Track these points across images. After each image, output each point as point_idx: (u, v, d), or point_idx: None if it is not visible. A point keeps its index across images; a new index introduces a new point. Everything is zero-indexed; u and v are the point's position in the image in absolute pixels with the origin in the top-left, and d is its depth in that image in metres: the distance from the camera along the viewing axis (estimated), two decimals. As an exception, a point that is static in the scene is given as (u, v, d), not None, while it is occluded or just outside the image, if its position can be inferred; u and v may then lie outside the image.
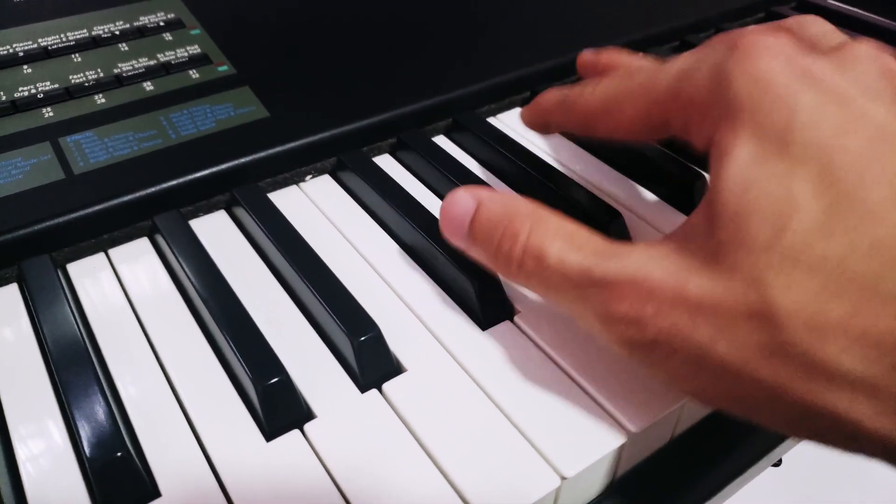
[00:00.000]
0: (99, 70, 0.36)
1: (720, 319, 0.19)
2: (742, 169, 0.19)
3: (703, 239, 0.20)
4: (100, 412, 0.22)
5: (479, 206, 0.24)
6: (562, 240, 0.22)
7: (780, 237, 0.18)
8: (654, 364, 0.21)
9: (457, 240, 0.25)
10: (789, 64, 0.21)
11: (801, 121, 0.19)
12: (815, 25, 0.26)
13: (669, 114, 0.24)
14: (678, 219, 0.32)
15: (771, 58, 0.21)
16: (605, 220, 0.30)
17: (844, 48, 0.22)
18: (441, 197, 0.34)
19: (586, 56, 0.34)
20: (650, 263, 0.20)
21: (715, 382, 0.19)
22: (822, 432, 0.19)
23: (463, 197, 0.25)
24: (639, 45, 0.44)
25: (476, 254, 0.25)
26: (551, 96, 0.30)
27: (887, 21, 0.49)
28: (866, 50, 0.22)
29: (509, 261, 0.23)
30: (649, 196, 0.34)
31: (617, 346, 0.21)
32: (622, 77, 0.26)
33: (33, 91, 0.35)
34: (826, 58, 0.21)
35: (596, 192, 0.34)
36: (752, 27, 0.23)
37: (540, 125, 0.31)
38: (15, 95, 0.34)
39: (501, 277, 0.27)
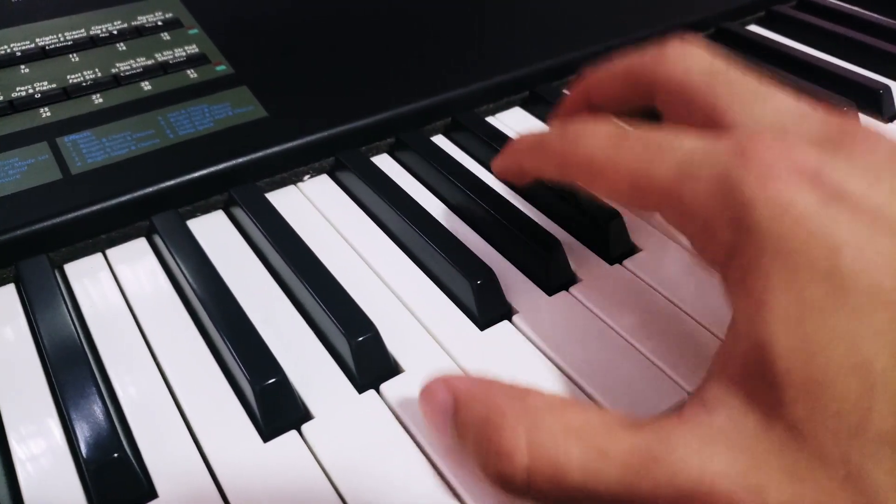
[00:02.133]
0: (97, 70, 0.36)
1: None
2: (795, 325, 0.16)
3: (764, 402, 0.17)
4: (97, 413, 0.22)
5: (457, 404, 0.20)
6: (578, 444, 0.17)
7: (867, 418, 0.15)
8: None
9: (446, 439, 0.21)
10: (814, 183, 0.18)
11: (849, 261, 0.16)
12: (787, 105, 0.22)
13: (664, 211, 0.21)
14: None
15: (788, 177, 0.18)
16: (604, 219, 0.30)
17: (856, 138, 0.19)
18: (440, 197, 0.34)
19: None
20: (704, 455, 0.16)
21: None
22: None
23: (438, 388, 0.21)
24: (638, 45, 0.44)
25: (473, 458, 0.20)
26: (525, 140, 0.26)
27: (887, 20, 0.49)
28: (879, 138, 0.19)
29: (512, 485, 0.18)
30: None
31: None
32: (610, 141, 0.22)
33: (31, 91, 0.35)
34: (846, 161, 0.18)
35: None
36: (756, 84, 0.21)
37: (514, 172, 0.27)
38: (12, 95, 0.34)
39: None
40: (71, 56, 0.37)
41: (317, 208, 0.33)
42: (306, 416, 0.24)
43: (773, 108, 0.22)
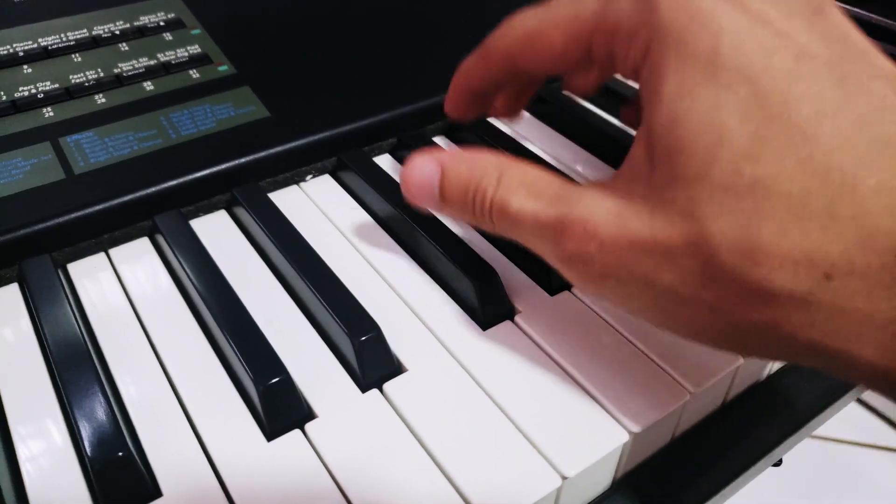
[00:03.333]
0: (99, 70, 0.36)
1: (660, 253, 0.19)
2: (672, 101, 0.20)
3: (644, 174, 0.20)
4: (101, 412, 0.22)
5: (444, 171, 0.25)
6: (524, 189, 0.23)
7: (711, 166, 0.18)
8: (606, 295, 0.22)
9: (427, 205, 0.26)
10: None
11: (727, 45, 0.19)
12: None
13: (594, 42, 0.23)
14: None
15: None
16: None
17: None
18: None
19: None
20: (595, 204, 0.21)
21: (664, 308, 0.20)
22: (766, 350, 0.20)
23: (425, 162, 0.25)
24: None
25: (452, 214, 0.26)
26: (463, 63, 0.29)
27: (887, 21, 0.49)
28: None
29: (483, 216, 0.24)
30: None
31: (574, 280, 0.22)
32: (543, 8, 0.25)
33: (33, 91, 0.35)
34: None
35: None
36: None
37: (466, 99, 0.30)
38: (15, 95, 0.34)
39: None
40: (73, 56, 0.37)
41: (319, 208, 0.33)
42: (310, 415, 0.24)
43: None
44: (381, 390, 0.25)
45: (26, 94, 0.34)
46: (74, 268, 0.30)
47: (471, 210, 0.24)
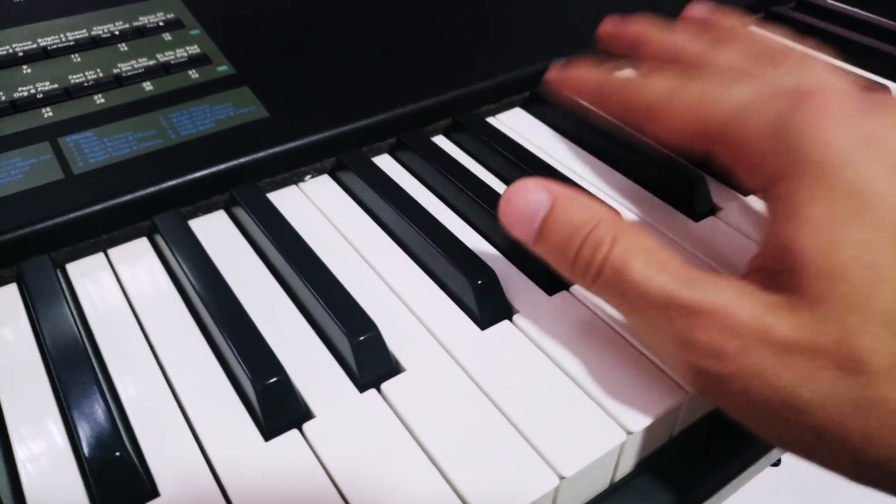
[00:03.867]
0: (98, 70, 0.36)
1: (807, 366, 0.19)
2: (822, 228, 0.20)
3: (787, 287, 0.20)
4: (99, 412, 0.22)
5: (554, 204, 0.24)
6: (645, 256, 0.22)
7: (869, 301, 0.19)
8: (723, 396, 0.21)
9: (522, 235, 0.25)
10: (854, 127, 0.21)
11: (872, 189, 0.20)
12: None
13: (717, 145, 0.24)
14: (678, 219, 0.32)
15: (838, 118, 0.22)
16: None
17: (880, 101, 0.23)
18: (440, 197, 0.34)
19: (608, 26, 0.33)
20: (736, 298, 0.20)
21: (788, 425, 0.20)
22: (889, 481, 0.19)
23: (535, 190, 0.24)
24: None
25: (542, 252, 0.24)
26: (589, 76, 0.30)
27: (887, 21, 0.49)
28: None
29: (587, 269, 0.23)
30: (649, 196, 0.34)
31: (689, 374, 0.21)
32: (676, 83, 0.26)
33: (33, 91, 0.35)
34: (882, 119, 0.22)
35: (596, 193, 0.34)
36: (819, 72, 0.24)
37: (569, 89, 0.31)
38: (14, 95, 0.34)
39: (569, 279, 0.26)
40: (73, 56, 0.37)
41: (318, 208, 0.33)
42: (307, 415, 0.24)
43: (818, 69, 0.26)
44: (378, 390, 0.25)
45: (25, 94, 0.34)
46: (73, 268, 0.30)
47: (572, 258, 0.23)
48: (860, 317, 0.19)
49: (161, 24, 0.40)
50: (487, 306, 0.27)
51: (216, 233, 0.32)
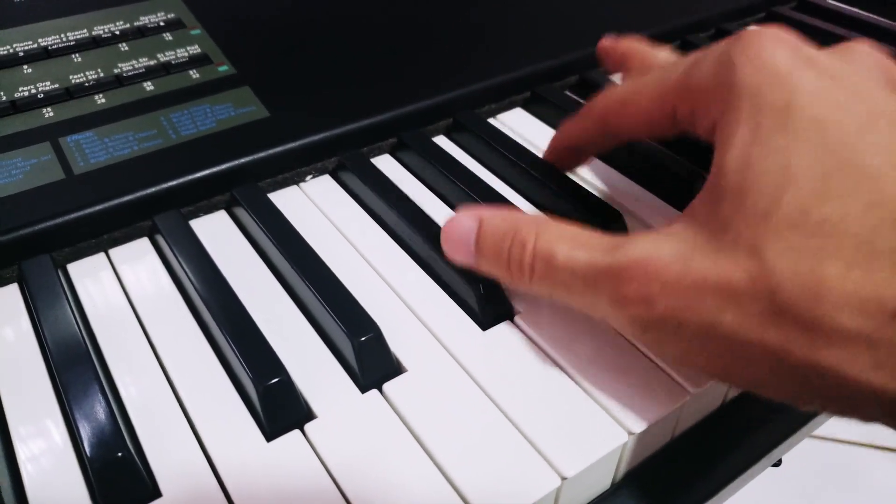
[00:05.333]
0: (99, 70, 0.36)
1: (724, 292, 0.19)
2: (743, 148, 0.20)
3: (707, 218, 0.21)
4: (100, 412, 0.22)
5: (481, 223, 0.25)
6: (568, 241, 0.23)
7: (777, 206, 0.19)
8: (663, 341, 0.21)
9: (463, 257, 0.26)
10: (793, 52, 0.22)
11: (801, 99, 0.20)
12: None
13: (678, 104, 0.25)
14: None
15: (775, 45, 0.22)
16: (605, 220, 0.30)
17: (842, 44, 0.23)
18: (441, 197, 0.34)
19: (606, 42, 0.35)
20: (655, 247, 0.21)
21: (723, 354, 0.20)
22: (826, 395, 0.19)
23: (463, 217, 0.26)
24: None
25: (485, 267, 0.26)
26: (565, 122, 0.31)
27: (887, 21, 0.49)
28: (863, 46, 0.23)
29: (521, 268, 0.24)
30: (649, 196, 0.34)
31: (629, 327, 0.22)
32: (638, 75, 0.27)
33: (33, 91, 0.35)
34: (826, 50, 0.22)
35: (596, 193, 0.34)
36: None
37: (565, 153, 0.33)
38: (15, 95, 0.34)
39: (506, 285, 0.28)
40: (73, 56, 0.37)
41: (319, 208, 0.33)
42: (309, 415, 0.24)
43: None
44: (380, 391, 0.25)
45: (26, 94, 0.34)
46: (74, 268, 0.30)
47: (506, 261, 0.24)
48: (766, 224, 0.19)
49: (162, 23, 0.40)
50: (489, 307, 0.27)
51: (217, 233, 0.32)
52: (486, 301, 0.27)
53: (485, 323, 0.27)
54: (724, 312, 0.19)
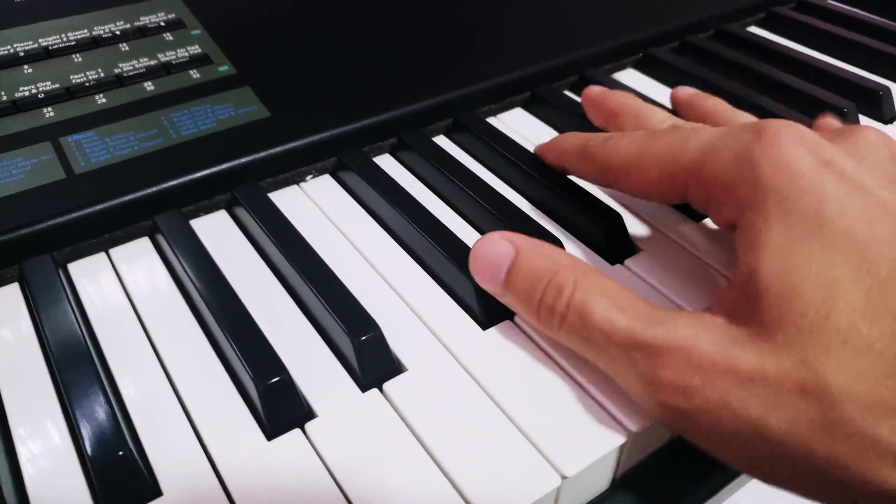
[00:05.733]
0: (100, 70, 0.36)
1: (771, 394, 0.19)
2: (780, 252, 0.20)
3: (746, 317, 0.20)
4: (101, 412, 0.22)
5: (518, 254, 0.25)
6: (607, 299, 0.22)
7: (827, 319, 0.19)
8: (695, 434, 0.21)
9: (490, 286, 0.26)
10: (812, 153, 0.22)
11: (831, 209, 0.20)
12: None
13: (689, 186, 0.25)
14: (677, 220, 0.32)
15: (795, 146, 0.22)
16: (604, 221, 0.30)
17: (855, 133, 0.24)
18: (441, 197, 0.34)
19: (593, 93, 0.35)
20: (698, 333, 0.21)
21: (760, 455, 0.20)
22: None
23: (499, 242, 0.25)
24: (639, 46, 0.45)
25: (510, 301, 0.25)
26: (571, 142, 0.31)
27: (887, 21, 0.49)
28: (869, 134, 0.24)
29: (552, 314, 0.23)
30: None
31: (658, 412, 0.21)
32: (646, 138, 0.27)
33: (34, 91, 0.35)
34: (842, 146, 0.23)
35: (599, 195, 0.34)
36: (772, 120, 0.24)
37: (557, 167, 0.32)
38: (16, 95, 0.34)
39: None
40: (74, 56, 0.37)
41: (319, 208, 0.33)
42: (310, 414, 0.24)
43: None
44: (380, 390, 0.25)
45: (27, 94, 0.34)
46: (75, 267, 0.30)
47: (536, 303, 0.24)
48: (817, 337, 0.19)
49: (162, 24, 0.40)
50: (490, 306, 0.27)
51: (218, 232, 0.32)
52: (487, 300, 0.27)
53: (485, 322, 0.27)
54: (769, 416, 0.19)
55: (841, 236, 0.20)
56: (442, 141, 0.38)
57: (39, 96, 0.34)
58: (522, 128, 0.39)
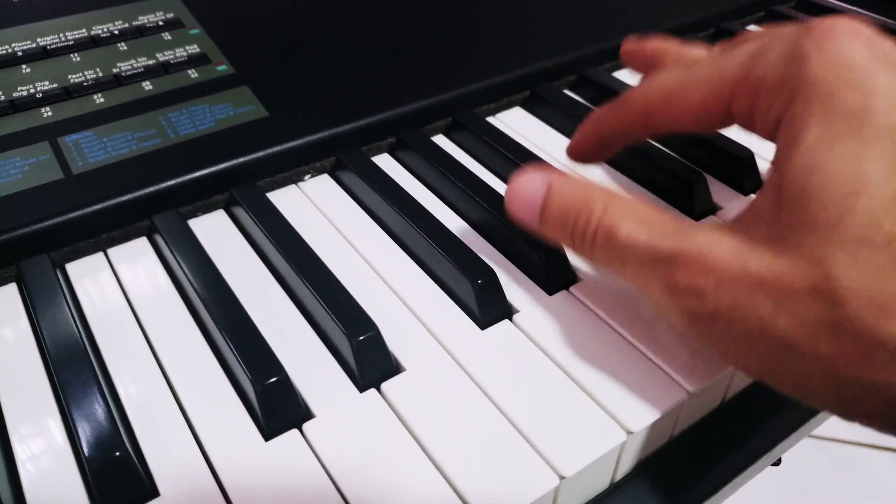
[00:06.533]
0: (98, 70, 0.36)
1: (781, 295, 0.19)
2: (811, 149, 0.19)
3: (769, 219, 0.20)
4: (98, 412, 0.22)
5: (550, 188, 0.25)
6: (633, 217, 0.22)
7: (846, 216, 0.18)
8: (712, 336, 0.21)
9: (528, 219, 0.26)
10: (869, 46, 0.21)
11: (879, 103, 0.19)
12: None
13: (736, 97, 0.24)
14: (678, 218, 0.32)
15: (851, 39, 0.21)
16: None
17: None
18: (440, 196, 0.34)
19: (630, 44, 0.33)
20: (715, 240, 0.20)
21: (772, 358, 0.20)
22: (875, 412, 0.19)
23: (534, 178, 0.25)
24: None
25: (549, 232, 0.25)
26: (597, 111, 0.30)
27: (887, 21, 0.49)
28: None
29: (583, 237, 0.24)
30: (649, 196, 0.34)
31: (678, 317, 0.22)
32: (685, 66, 0.26)
33: (32, 91, 0.35)
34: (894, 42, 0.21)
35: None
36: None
37: (593, 144, 0.30)
38: (14, 95, 0.34)
39: (568, 251, 0.28)
40: (72, 56, 0.37)
41: (317, 208, 0.33)
42: (307, 415, 0.24)
43: None
44: (378, 390, 0.25)
45: (25, 93, 0.34)
46: (73, 267, 0.30)
47: (570, 231, 0.24)
48: (833, 234, 0.18)
49: (160, 23, 0.40)
50: (488, 306, 0.27)
51: (216, 232, 0.32)
52: (485, 300, 0.27)
53: (483, 322, 0.27)
54: (779, 316, 0.19)
55: (882, 131, 0.19)
56: (441, 140, 0.38)
57: (37, 96, 0.34)
58: (522, 127, 0.39)
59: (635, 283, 0.23)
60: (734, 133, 0.34)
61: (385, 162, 0.36)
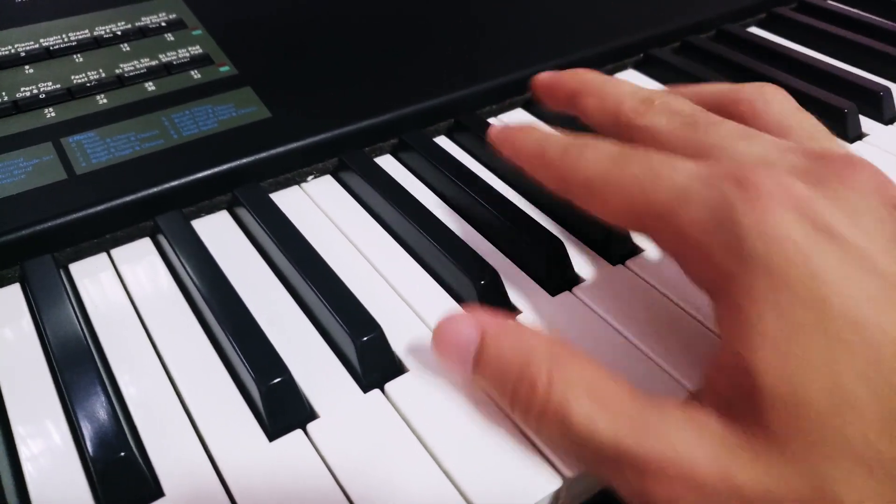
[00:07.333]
0: (101, 70, 0.36)
1: None
2: (776, 344, 0.18)
3: (747, 416, 0.18)
4: (102, 412, 0.22)
5: (483, 339, 0.22)
6: (587, 395, 0.20)
7: (839, 432, 0.17)
8: None
9: (459, 371, 0.23)
10: (805, 217, 0.19)
11: (831, 291, 0.18)
12: (786, 110, 0.25)
13: (657, 232, 0.22)
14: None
15: (785, 212, 0.19)
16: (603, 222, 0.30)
17: (846, 177, 0.21)
18: (443, 197, 0.34)
19: (544, 79, 0.30)
20: (691, 441, 0.19)
21: None
22: None
23: (463, 323, 0.23)
24: (640, 46, 0.45)
25: (483, 387, 0.23)
26: (527, 140, 0.27)
27: (887, 21, 0.49)
28: (868, 178, 0.21)
29: (528, 412, 0.21)
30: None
31: None
32: (613, 160, 0.23)
33: (35, 91, 0.35)
34: (836, 199, 0.20)
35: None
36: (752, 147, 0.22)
37: (505, 157, 0.28)
38: (17, 96, 0.34)
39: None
40: (75, 56, 0.37)
41: (320, 208, 0.33)
42: (311, 415, 0.24)
43: (757, 143, 0.23)
44: (382, 390, 0.25)
45: (28, 94, 0.34)
46: (76, 268, 0.30)
47: (510, 397, 0.21)
48: (831, 453, 0.17)
49: (163, 24, 0.40)
50: (491, 306, 0.27)
51: (219, 233, 0.32)
52: (488, 301, 0.27)
53: (486, 323, 0.27)
54: None
55: (845, 326, 0.18)
56: (443, 141, 0.38)
57: (40, 97, 0.34)
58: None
59: (594, 473, 0.21)
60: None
61: (387, 163, 0.36)
